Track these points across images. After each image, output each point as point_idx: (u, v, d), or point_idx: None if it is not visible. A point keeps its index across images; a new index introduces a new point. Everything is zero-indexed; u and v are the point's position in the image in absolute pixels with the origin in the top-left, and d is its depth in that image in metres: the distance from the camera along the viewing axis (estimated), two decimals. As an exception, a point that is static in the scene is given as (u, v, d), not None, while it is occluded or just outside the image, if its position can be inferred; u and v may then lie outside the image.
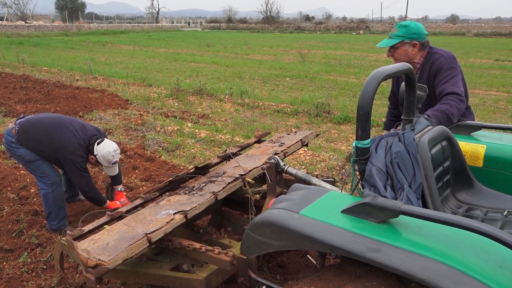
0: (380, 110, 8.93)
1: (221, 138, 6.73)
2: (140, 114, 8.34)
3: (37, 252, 3.50)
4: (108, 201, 3.76)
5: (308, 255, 2.92)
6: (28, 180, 4.83)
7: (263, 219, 1.52)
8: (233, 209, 3.27)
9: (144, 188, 4.75)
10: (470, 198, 2.07)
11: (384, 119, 3.60)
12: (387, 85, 11.89)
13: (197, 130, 7.16)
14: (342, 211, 1.46)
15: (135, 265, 2.40)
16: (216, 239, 2.64)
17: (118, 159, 3.73)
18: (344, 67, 16.50)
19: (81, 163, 3.59)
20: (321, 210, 1.50)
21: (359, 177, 1.87)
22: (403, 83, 2.33)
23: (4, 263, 3.38)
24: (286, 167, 2.49)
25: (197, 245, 2.23)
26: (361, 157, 1.79)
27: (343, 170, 5.21)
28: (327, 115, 8.24)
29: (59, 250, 2.74)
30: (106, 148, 3.59)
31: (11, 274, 3.20)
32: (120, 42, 29.97)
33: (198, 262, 2.36)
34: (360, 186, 1.88)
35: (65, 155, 3.54)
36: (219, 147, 6.38)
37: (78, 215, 4.06)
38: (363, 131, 1.75)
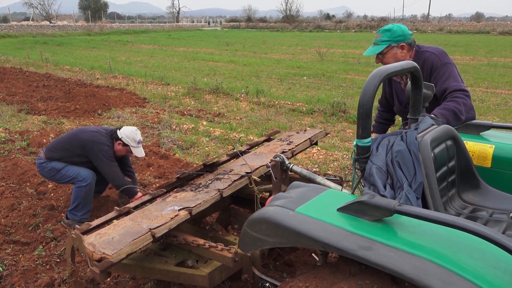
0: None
1: (235, 136, 6.76)
2: (157, 112, 8.46)
3: (52, 245, 3.60)
4: (139, 193, 3.81)
5: (313, 254, 2.92)
6: (46, 175, 4.97)
7: (260, 216, 1.53)
8: (241, 206, 3.28)
9: (157, 185, 4.81)
10: (476, 199, 2.03)
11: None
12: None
13: (211, 129, 7.22)
14: (338, 209, 1.46)
15: (141, 260, 2.45)
16: (222, 236, 2.67)
17: (142, 139, 3.95)
18: (363, 66, 16.32)
19: (108, 151, 3.81)
20: (317, 208, 1.51)
21: (359, 176, 1.86)
22: (409, 83, 2.30)
23: (20, 256, 3.49)
24: (291, 165, 2.50)
25: (201, 241, 2.25)
26: (362, 155, 1.79)
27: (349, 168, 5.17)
28: (343, 114, 8.18)
29: (71, 244, 2.81)
30: (128, 129, 3.89)
31: (26, 267, 3.30)
32: (140, 42, 30.41)
33: (203, 258, 2.39)
34: (361, 185, 1.87)
35: (92, 147, 3.78)
36: (232, 145, 6.42)
37: (93, 210, 4.15)
38: (363, 129, 1.75)
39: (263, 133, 6.92)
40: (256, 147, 3.52)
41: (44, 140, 6.40)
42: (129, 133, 3.85)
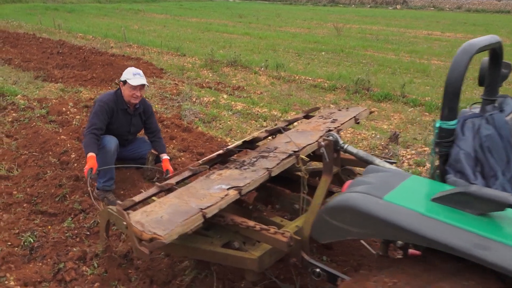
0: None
1: (258, 111, 6.58)
2: (175, 83, 8.26)
3: (80, 217, 3.52)
4: (91, 153, 3.66)
5: (362, 241, 2.80)
6: (69, 145, 4.86)
7: (343, 203, 1.38)
8: (277, 184, 3.15)
9: (182, 159, 4.69)
10: None
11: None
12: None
13: (233, 102, 7.03)
14: (433, 199, 1.31)
15: (184, 239, 2.33)
16: (267, 216, 2.54)
17: (141, 72, 3.91)
18: (382, 43, 15.89)
19: (100, 106, 3.83)
20: (407, 197, 1.36)
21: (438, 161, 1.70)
22: (484, 58, 2.10)
23: (49, 227, 3.41)
24: (345, 146, 2.34)
25: (251, 223, 2.13)
26: (445, 139, 1.62)
27: (386, 150, 5.00)
28: (367, 92, 7.93)
29: (105, 218, 2.72)
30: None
31: (56, 239, 3.22)
32: (152, 11, 29.81)
33: (250, 239, 2.27)
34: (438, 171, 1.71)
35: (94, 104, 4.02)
36: (255, 120, 6.26)
37: (119, 183, 4.04)
38: (450, 110, 1.57)
39: (286, 109, 6.73)
40: (295, 123, 3.35)
41: (64, 109, 6.27)
42: (125, 71, 3.89)
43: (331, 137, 2.34)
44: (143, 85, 3.88)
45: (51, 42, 12.66)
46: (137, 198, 2.32)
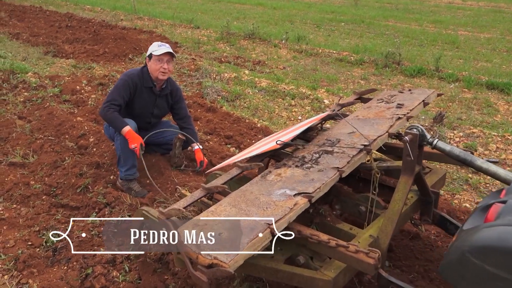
0: None
1: (284, 88, 6.13)
2: (193, 58, 7.79)
3: (106, 212, 3.17)
4: (127, 127, 3.29)
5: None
6: (86, 128, 4.49)
7: (502, 243, 0.99)
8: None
9: (210, 143, 4.31)
10: None
11: None
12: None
13: (256, 79, 6.57)
14: None
15: (239, 253, 1.97)
16: (331, 222, 2.16)
17: (166, 44, 3.52)
18: (402, 13, 15.16)
19: (123, 81, 3.48)
20: None
21: None
22: None
23: (72, 223, 3.08)
24: (435, 141, 1.92)
25: (324, 237, 1.75)
26: None
27: (431, 132, 4.57)
28: (397, 66, 7.41)
29: (139, 221, 2.36)
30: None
31: (81, 238, 2.89)
32: (159, -20, 28.85)
33: (318, 254, 1.90)
34: None
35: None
36: (282, 99, 5.83)
37: (143, 170, 3.67)
38: None
39: (314, 86, 6.28)
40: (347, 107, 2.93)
41: (77, 87, 5.86)
42: (150, 46, 3.54)
43: (415, 129, 1.93)
44: (170, 57, 3.46)
45: (59, 15, 12.13)
46: (181, 204, 1.94)
